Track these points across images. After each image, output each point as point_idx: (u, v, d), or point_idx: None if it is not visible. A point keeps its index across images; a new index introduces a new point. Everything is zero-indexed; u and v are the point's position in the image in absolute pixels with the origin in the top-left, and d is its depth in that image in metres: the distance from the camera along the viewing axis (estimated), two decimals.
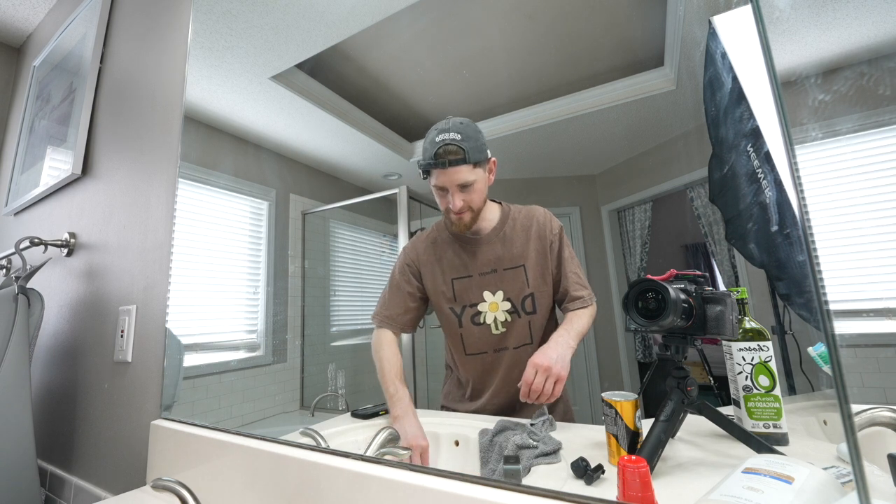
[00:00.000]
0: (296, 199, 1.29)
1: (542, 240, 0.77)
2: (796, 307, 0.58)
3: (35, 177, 1.75)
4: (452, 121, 0.76)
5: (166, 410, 1.03)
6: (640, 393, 0.57)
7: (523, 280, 0.76)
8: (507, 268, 0.77)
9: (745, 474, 0.41)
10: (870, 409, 0.49)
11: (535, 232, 0.77)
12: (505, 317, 0.78)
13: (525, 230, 0.78)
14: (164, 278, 1.11)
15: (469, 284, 0.79)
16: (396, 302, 0.86)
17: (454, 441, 0.76)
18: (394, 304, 0.87)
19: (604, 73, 0.84)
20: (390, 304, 0.87)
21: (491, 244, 0.79)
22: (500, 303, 0.77)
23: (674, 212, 0.78)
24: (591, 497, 0.48)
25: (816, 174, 0.51)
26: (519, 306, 0.78)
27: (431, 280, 0.83)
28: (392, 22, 1.06)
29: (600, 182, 0.86)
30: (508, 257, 0.77)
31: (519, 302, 0.78)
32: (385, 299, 0.88)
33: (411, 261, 0.86)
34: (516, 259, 0.77)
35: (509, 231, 0.78)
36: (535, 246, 0.76)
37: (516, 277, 0.76)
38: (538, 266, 0.76)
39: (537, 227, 0.78)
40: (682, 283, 0.55)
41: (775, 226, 0.57)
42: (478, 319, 0.79)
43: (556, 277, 0.77)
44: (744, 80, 0.59)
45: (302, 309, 1.23)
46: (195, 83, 1.22)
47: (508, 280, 0.77)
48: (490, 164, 0.78)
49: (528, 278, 0.75)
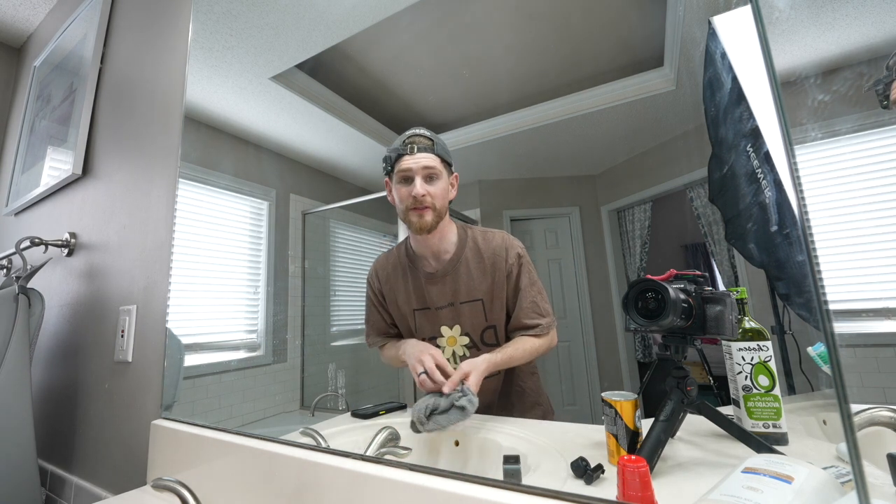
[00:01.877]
0: (296, 199, 1.29)
1: (497, 271, 0.74)
2: (796, 307, 0.58)
3: (35, 177, 1.76)
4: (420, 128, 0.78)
5: (166, 410, 1.03)
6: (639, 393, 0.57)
7: (481, 313, 0.74)
8: (463, 301, 0.75)
9: (744, 474, 0.41)
10: (869, 408, 0.49)
11: (490, 262, 0.75)
12: (463, 351, 0.77)
13: (481, 260, 0.76)
14: (165, 278, 1.11)
15: (428, 317, 0.78)
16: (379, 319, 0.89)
17: (454, 441, 0.77)
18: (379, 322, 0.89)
19: (604, 73, 0.84)
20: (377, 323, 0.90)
21: (447, 277, 0.76)
22: (457, 337, 0.76)
23: (673, 212, 0.78)
24: (591, 497, 0.48)
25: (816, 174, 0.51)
26: (478, 340, 0.76)
27: (395, 309, 0.84)
28: (392, 22, 1.06)
29: (600, 182, 0.86)
30: (465, 291, 0.75)
31: (478, 336, 0.76)
32: (371, 321, 0.91)
33: (376, 290, 0.86)
34: (473, 293, 0.75)
35: (465, 262, 0.76)
36: (491, 277, 0.74)
37: (474, 311, 0.75)
38: (497, 298, 0.74)
39: (493, 257, 0.75)
40: (682, 283, 0.55)
41: (775, 226, 0.57)
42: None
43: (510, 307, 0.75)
44: (743, 80, 0.59)
45: (302, 309, 1.23)
46: (195, 83, 1.22)
47: (466, 314, 0.75)
48: (454, 176, 0.78)
49: (486, 312, 0.74)
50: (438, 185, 0.74)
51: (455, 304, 0.75)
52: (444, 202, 0.75)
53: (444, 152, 0.75)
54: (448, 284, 0.76)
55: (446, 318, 0.76)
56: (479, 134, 0.97)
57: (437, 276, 0.77)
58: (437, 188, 0.73)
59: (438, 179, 0.74)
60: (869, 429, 0.48)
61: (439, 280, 0.76)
